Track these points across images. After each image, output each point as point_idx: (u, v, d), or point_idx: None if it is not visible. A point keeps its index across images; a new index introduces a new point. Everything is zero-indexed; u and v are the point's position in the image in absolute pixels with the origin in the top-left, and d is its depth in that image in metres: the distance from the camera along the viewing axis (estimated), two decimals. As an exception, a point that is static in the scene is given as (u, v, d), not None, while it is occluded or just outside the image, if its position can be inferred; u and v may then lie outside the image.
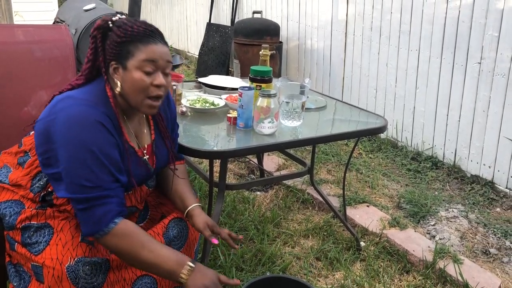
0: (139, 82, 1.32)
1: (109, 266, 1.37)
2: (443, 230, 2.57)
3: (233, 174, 3.20)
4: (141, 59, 1.31)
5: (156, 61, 1.33)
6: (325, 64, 4.30)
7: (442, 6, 3.17)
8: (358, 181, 3.14)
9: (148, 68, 1.32)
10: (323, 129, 2.09)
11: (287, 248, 2.39)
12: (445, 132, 3.31)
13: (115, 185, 1.31)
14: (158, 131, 1.54)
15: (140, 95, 1.34)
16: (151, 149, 1.50)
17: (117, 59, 1.33)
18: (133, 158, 1.42)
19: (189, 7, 6.63)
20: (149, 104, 1.35)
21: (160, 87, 1.35)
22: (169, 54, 1.39)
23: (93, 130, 1.28)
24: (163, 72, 1.36)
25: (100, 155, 1.28)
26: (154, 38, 1.35)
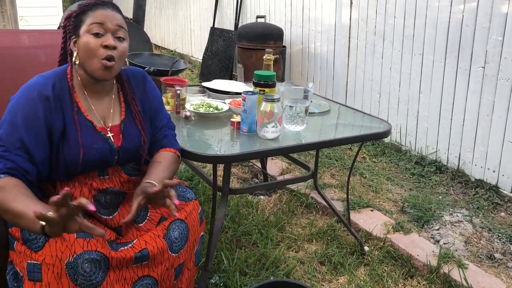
0: (88, 44, 1.41)
1: (108, 264, 1.37)
2: (447, 235, 2.56)
3: (237, 178, 3.20)
4: (89, 23, 1.42)
5: (104, 23, 1.42)
6: (329, 69, 4.30)
7: (446, 10, 3.17)
8: (362, 186, 3.14)
9: (95, 30, 1.41)
10: (326, 134, 2.09)
11: (291, 252, 2.39)
12: (449, 136, 3.31)
13: (18, 152, 1.35)
14: (130, 113, 1.58)
15: (91, 58, 1.42)
16: (119, 128, 1.54)
17: (74, 31, 1.46)
18: (88, 130, 1.47)
19: (193, 11, 6.66)
20: (100, 65, 1.42)
21: (109, 48, 1.42)
22: (121, 19, 1.48)
23: (31, 97, 1.39)
24: (114, 35, 1.44)
25: (21, 120, 1.36)
26: (104, 5, 1.46)
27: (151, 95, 1.66)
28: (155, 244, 1.48)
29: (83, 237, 1.36)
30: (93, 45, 1.41)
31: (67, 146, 1.43)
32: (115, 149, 1.52)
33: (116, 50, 1.44)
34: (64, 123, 1.44)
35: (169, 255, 1.52)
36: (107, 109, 1.54)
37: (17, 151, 1.36)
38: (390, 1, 3.58)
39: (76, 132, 1.44)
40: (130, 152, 1.56)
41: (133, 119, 1.58)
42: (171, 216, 1.59)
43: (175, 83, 2.10)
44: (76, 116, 1.45)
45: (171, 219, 1.57)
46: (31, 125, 1.38)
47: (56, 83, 1.45)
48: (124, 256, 1.41)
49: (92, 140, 1.47)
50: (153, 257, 1.47)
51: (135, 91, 1.62)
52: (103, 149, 1.49)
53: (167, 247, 1.51)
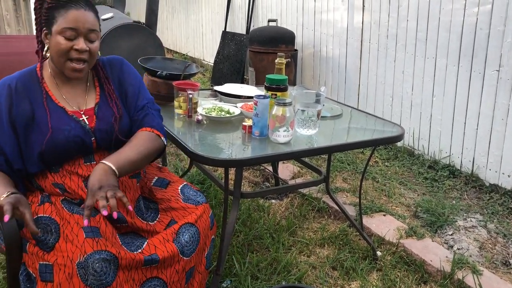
0: (60, 46, 1.44)
1: (118, 264, 1.37)
2: (461, 240, 2.53)
3: (248, 182, 3.20)
4: (62, 27, 1.43)
5: (77, 28, 1.44)
6: (341, 72, 4.29)
7: (460, 14, 3.15)
8: (374, 190, 3.11)
9: (68, 34, 1.44)
10: (338, 138, 2.08)
11: (302, 257, 2.38)
12: (462, 141, 3.27)
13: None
14: (104, 95, 1.60)
15: (61, 58, 1.46)
16: (93, 111, 1.56)
17: (46, 25, 1.48)
18: (58, 114, 1.49)
19: (205, 15, 6.69)
20: (71, 67, 1.47)
21: (80, 52, 1.45)
22: (93, 22, 1.48)
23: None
24: (86, 38, 1.47)
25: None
26: (77, 4, 1.45)
27: (130, 77, 1.67)
28: (164, 249, 1.49)
29: (92, 237, 1.37)
30: (65, 47, 1.45)
31: (37, 130, 1.45)
32: (88, 129, 1.52)
33: (87, 51, 1.48)
34: (32, 110, 1.47)
35: (180, 258, 1.52)
36: (81, 96, 1.58)
37: None
38: (403, 5, 3.56)
39: (46, 116, 1.47)
40: (107, 132, 1.55)
41: (107, 101, 1.60)
42: (181, 219, 1.60)
43: (187, 87, 2.11)
44: (45, 102, 1.49)
45: (181, 223, 1.57)
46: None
47: (22, 75, 1.51)
48: (134, 257, 1.41)
49: (63, 122, 1.49)
50: (162, 260, 1.48)
51: (109, 74, 1.64)
52: (76, 129, 1.49)
53: (178, 251, 1.51)
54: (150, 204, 1.68)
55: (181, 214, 1.62)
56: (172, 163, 3.38)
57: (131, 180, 1.61)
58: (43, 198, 1.50)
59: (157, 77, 2.30)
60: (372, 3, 3.82)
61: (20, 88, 1.48)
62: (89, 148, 1.53)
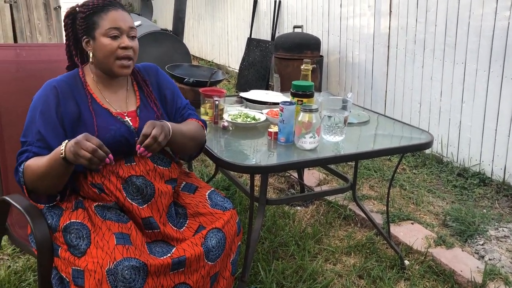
0: (108, 46, 1.52)
1: (147, 271, 1.38)
2: (492, 250, 2.46)
3: (273, 188, 3.19)
4: (106, 27, 1.51)
5: (119, 27, 1.52)
6: (367, 78, 4.25)
7: (490, 18, 3.08)
8: (402, 198, 3.06)
9: (113, 33, 1.52)
10: (365, 145, 2.06)
11: (328, 265, 2.35)
12: (493, 148, 3.19)
13: (38, 144, 1.47)
14: (144, 98, 1.67)
15: (110, 58, 1.53)
16: (135, 113, 1.63)
17: (86, 33, 1.54)
18: (104, 115, 1.56)
19: (230, 22, 6.74)
20: (120, 64, 1.54)
21: (127, 49, 1.53)
22: (131, 20, 1.57)
23: (45, 93, 1.52)
24: (128, 35, 1.55)
25: (38, 115, 1.48)
26: (114, 6, 1.54)
27: (166, 82, 1.77)
28: (193, 251, 1.49)
29: (122, 244, 1.39)
30: (112, 47, 1.52)
31: (83, 130, 1.49)
32: (133, 130, 1.58)
33: (132, 48, 1.56)
34: (79, 110, 1.53)
35: (205, 263, 1.53)
36: (122, 100, 1.64)
37: (37, 143, 1.47)
38: (431, 9, 3.50)
39: (91, 117, 1.53)
40: None
41: (148, 103, 1.67)
42: (209, 224, 1.60)
43: (214, 94, 2.12)
44: (90, 105, 1.55)
45: (209, 228, 1.58)
46: (45, 117, 1.49)
47: (66, 78, 1.57)
48: (162, 263, 1.42)
49: (109, 122, 1.55)
50: (189, 264, 1.48)
51: (147, 77, 1.72)
52: (121, 130, 1.55)
53: (204, 254, 1.52)
54: (179, 209, 1.69)
55: (209, 219, 1.63)
56: (198, 169, 3.40)
57: (167, 186, 1.63)
58: (77, 204, 1.53)
59: (184, 84, 2.32)
60: (400, 8, 3.78)
61: (65, 90, 1.54)
62: (132, 148, 1.57)
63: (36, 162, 1.43)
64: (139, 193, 1.56)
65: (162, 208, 1.60)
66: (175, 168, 1.72)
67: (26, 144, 1.50)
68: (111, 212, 1.51)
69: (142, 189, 1.56)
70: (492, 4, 3.05)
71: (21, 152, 1.49)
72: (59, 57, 2.01)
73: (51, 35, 5.46)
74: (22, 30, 5.32)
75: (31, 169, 1.43)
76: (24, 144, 1.50)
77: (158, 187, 1.60)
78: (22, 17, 5.28)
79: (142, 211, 1.55)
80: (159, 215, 1.59)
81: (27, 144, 1.49)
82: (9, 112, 1.88)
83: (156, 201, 1.59)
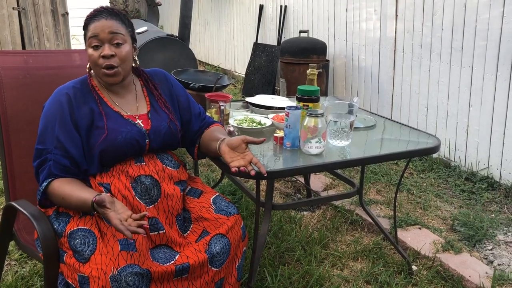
0: (91, 57, 1.55)
1: (151, 277, 1.39)
2: (501, 255, 2.43)
3: (279, 193, 3.18)
4: (88, 38, 1.56)
5: (97, 35, 1.54)
6: (373, 82, 4.23)
7: (497, 21, 3.06)
8: (409, 202, 3.04)
9: (93, 43, 1.54)
10: (372, 149, 2.05)
11: (335, 270, 2.34)
12: (501, 152, 3.16)
13: (56, 151, 1.50)
14: (155, 102, 1.69)
15: (96, 68, 1.57)
16: (147, 116, 1.65)
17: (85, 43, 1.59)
18: (115, 118, 1.58)
19: (236, 27, 6.76)
20: (103, 72, 1.55)
21: (106, 57, 1.53)
22: (113, 26, 1.56)
23: (58, 99, 1.54)
24: (110, 43, 1.55)
25: (53, 121, 1.51)
26: (99, 16, 1.56)
27: (178, 88, 1.80)
28: (196, 258, 1.49)
29: (126, 250, 1.39)
30: (94, 57, 1.55)
31: (96, 133, 1.53)
32: (144, 131, 1.60)
33: (115, 56, 1.55)
34: (91, 114, 1.55)
35: (209, 269, 1.53)
36: (133, 104, 1.65)
37: (55, 151, 1.50)
38: (437, 13, 3.49)
39: (103, 120, 1.55)
40: (160, 135, 1.63)
41: (159, 107, 1.69)
42: (213, 230, 1.60)
43: (219, 99, 2.12)
44: (100, 107, 1.57)
45: (213, 234, 1.58)
46: (60, 123, 1.52)
47: (76, 84, 1.59)
48: (165, 269, 1.42)
49: (121, 124, 1.57)
50: (192, 271, 1.48)
51: (157, 82, 1.75)
52: (132, 132, 1.57)
53: (207, 260, 1.52)
54: (184, 213, 1.69)
55: (213, 224, 1.63)
56: (204, 174, 3.40)
57: (175, 188, 1.64)
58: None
59: (190, 89, 2.33)
60: (406, 12, 3.77)
61: (77, 95, 1.57)
62: (143, 149, 1.60)
63: (63, 191, 1.48)
64: (147, 193, 1.57)
65: (168, 210, 1.60)
66: (183, 170, 1.73)
67: (44, 152, 1.51)
68: None
69: (150, 189, 1.57)
70: (499, 8, 3.04)
71: (41, 162, 1.51)
72: (67, 63, 2.03)
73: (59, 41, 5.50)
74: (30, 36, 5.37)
75: (57, 194, 1.49)
76: (42, 152, 1.51)
77: (165, 189, 1.61)
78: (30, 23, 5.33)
79: (149, 211, 1.56)
80: (165, 216, 1.59)
81: (46, 152, 1.51)
82: (17, 118, 1.89)
83: (162, 203, 1.59)
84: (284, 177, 3.23)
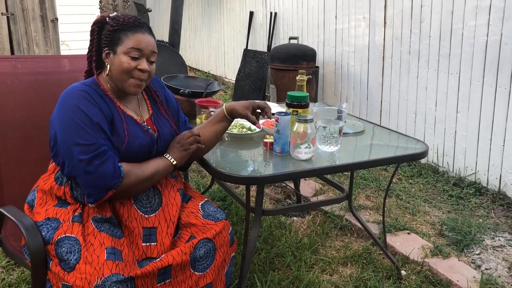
0: (125, 64, 1.51)
1: (134, 284, 1.38)
2: (489, 260, 2.46)
3: (269, 199, 3.19)
4: (129, 46, 1.51)
5: (142, 49, 1.53)
6: (362, 88, 4.27)
7: (483, 29, 3.11)
8: (398, 207, 3.06)
9: (134, 54, 1.52)
10: (361, 155, 2.06)
11: (325, 275, 2.34)
12: (488, 157, 3.20)
13: (107, 142, 1.46)
14: (156, 106, 1.70)
15: (124, 76, 1.53)
16: (151, 120, 1.66)
17: (109, 45, 1.54)
18: (131, 122, 1.58)
19: (227, 34, 6.78)
20: (134, 83, 1.54)
21: (143, 72, 1.54)
22: (154, 45, 1.58)
23: (78, 96, 1.47)
24: (147, 59, 1.55)
25: (86, 113, 1.45)
26: (142, 28, 1.55)
27: (170, 94, 1.81)
28: (179, 259, 1.50)
29: (112, 260, 1.38)
30: (129, 66, 1.52)
31: (115, 133, 1.52)
32: (155, 138, 1.62)
33: (148, 72, 1.55)
34: (111, 113, 1.53)
35: (191, 273, 1.52)
36: (137, 109, 1.65)
37: (105, 142, 1.46)
38: (425, 20, 3.54)
39: (122, 122, 1.54)
40: (165, 140, 1.65)
41: (160, 111, 1.70)
42: (200, 235, 1.60)
43: (209, 105, 2.13)
44: (118, 110, 1.56)
45: (199, 238, 1.58)
46: (94, 112, 1.47)
47: (88, 85, 1.55)
48: (148, 270, 1.42)
49: (137, 129, 1.57)
50: (174, 274, 1.48)
51: (156, 89, 1.76)
52: (146, 139, 1.58)
53: (189, 263, 1.51)
54: None
55: (200, 230, 1.63)
56: (194, 180, 3.39)
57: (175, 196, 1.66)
58: (74, 217, 1.50)
59: (180, 95, 2.33)
60: (394, 19, 3.82)
61: (93, 94, 1.52)
62: (152, 154, 1.61)
63: (139, 166, 1.53)
64: (148, 201, 1.58)
65: (170, 219, 1.60)
66: (181, 180, 1.76)
67: (97, 145, 1.43)
68: (107, 225, 1.50)
69: (151, 197, 1.59)
70: (485, 15, 3.09)
71: (98, 154, 1.42)
72: (56, 69, 2.02)
73: (48, 47, 5.47)
74: (19, 42, 5.33)
75: (136, 172, 1.50)
76: (93, 146, 1.42)
77: (165, 197, 1.63)
78: (19, 29, 5.30)
79: (147, 221, 1.55)
80: (166, 225, 1.59)
81: (98, 144, 1.43)
82: (5, 124, 1.88)
83: (163, 211, 1.60)
84: (274, 182, 3.24)
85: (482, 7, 3.10)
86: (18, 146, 1.90)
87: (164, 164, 1.59)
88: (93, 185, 1.44)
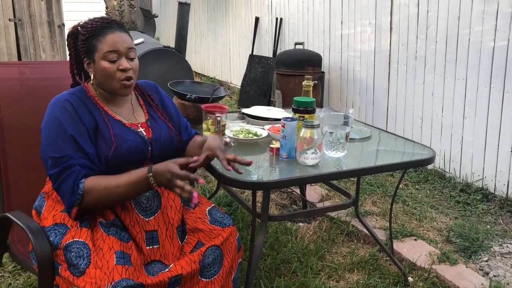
0: (107, 70, 1.52)
1: None
2: (497, 267, 2.43)
3: (275, 204, 3.18)
4: (104, 51, 1.51)
5: (118, 49, 1.53)
6: (368, 94, 4.26)
7: (490, 34, 3.10)
8: (404, 213, 3.04)
9: (111, 57, 1.52)
10: (367, 160, 2.06)
11: (331, 282, 2.33)
12: (496, 163, 3.18)
13: (77, 155, 1.46)
14: (152, 111, 1.70)
15: (111, 81, 1.54)
16: (146, 124, 1.65)
17: (87, 55, 1.55)
18: (119, 126, 1.57)
19: (232, 39, 6.79)
20: (121, 84, 1.55)
21: (125, 71, 1.54)
22: (129, 41, 1.57)
23: (61, 107, 1.49)
24: (126, 57, 1.55)
25: (64, 125, 1.46)
26: (111, 28, 1.54)
27: (168, 99, 1.81)
28: (189, 269, 1.49)
29: (122, 264, 1.38)
30: (111, 70, 1.53)
31: (102, 140, 1.51)
32: (147, 140, 1.60)
33: (131, 69, 1.56)
34: (95, 121, 1.53)
35: (199, 280, 1.52)
36: (130, 113, 1.65)
37: (77, 154, 1.46)
38: (431, 26, 3.53)
39: (108, 128, 1.53)
40: (161, 143, 1.64)
41: (157, 116, 1.70)
42: (208, 241, 1.59)
43: (216, 110, 2.13)
44: (104, 116, 1.56)
45: (208, 245, 1.58)
46: (73, 126, 1.48)
47: (75, 93, 1.57)
48: (159, 280, 1.41)
49: (125, 133, 1.56)
50: (183, 283, 1.47)
51: (151, 93, 1.76)
52: (136, 140, 1.56)
53: (198, 271, 1.51)
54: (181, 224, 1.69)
55: (207, 235, 1.63)
56: (200, 185, 3.40)
57: (175, 198, 1.65)
58: (82, 223, 1.50)
59: (186, 100, 2.33)
60: (400, 25, 3.81)
61: (78, 103, 1.53)
62: (145, 157, 1.60)
63: (106, 182, 1.44)
64: (148, 204, 1.57)
65: (169, 221, 1.60)
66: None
67: (64, 158, 1.44)
68: (114, 229, 1.51)
69: (151, 200, 1.58)
70: (492, 21, 3.08)
71: (63, 169, 1.43)
72: (63, 75, 2.02)
73: (55, 52, 5.51)
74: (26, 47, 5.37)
75: (100, 188, 1.43)
76: (62, 159, 1.44)
77: (164, 199, 1.61)
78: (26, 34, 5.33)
79: (147, 224, 1.55)
80: (165, 228, 1.58)
81: (67, 158, 1.44)
82: (13, 129, 1.89)
83: (162, 214, 1.59)
84: (280, 188, 3.23)
85: (489, 12, 3.09)
86: (25, 152, 1.90)
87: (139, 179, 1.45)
88: (62, 201, 1.47)
